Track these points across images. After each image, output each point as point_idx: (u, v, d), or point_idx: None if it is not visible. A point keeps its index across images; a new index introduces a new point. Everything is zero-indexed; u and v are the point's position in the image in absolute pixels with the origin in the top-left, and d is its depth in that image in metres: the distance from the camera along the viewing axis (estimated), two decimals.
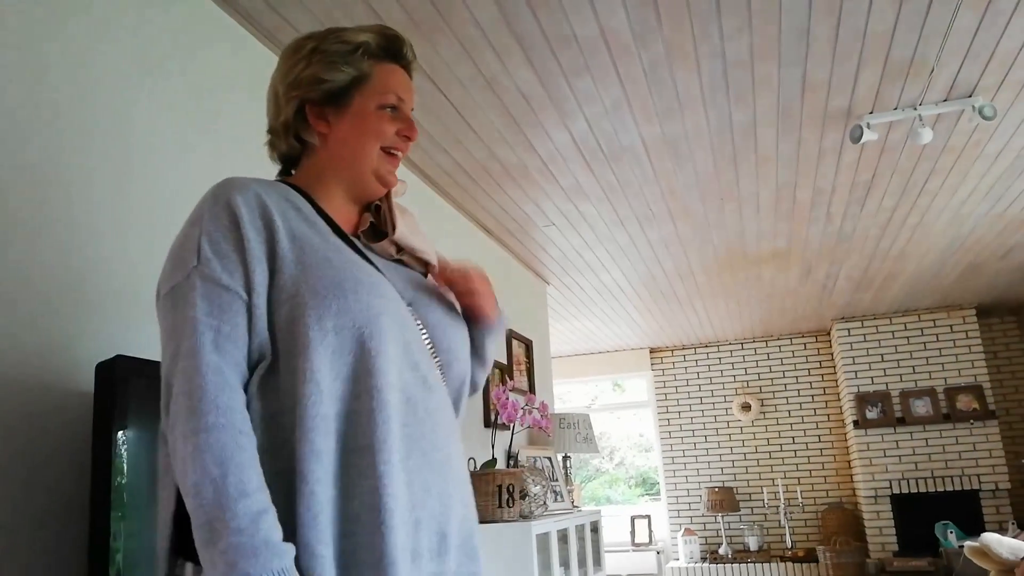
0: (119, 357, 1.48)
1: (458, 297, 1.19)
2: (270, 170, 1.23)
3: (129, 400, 1.48)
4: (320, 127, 1.11)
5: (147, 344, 1.77)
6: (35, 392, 1.51)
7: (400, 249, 1.16)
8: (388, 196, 1.17)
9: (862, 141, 3.25)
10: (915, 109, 3.15)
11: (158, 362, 1.56)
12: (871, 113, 3.19)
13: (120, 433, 1.44)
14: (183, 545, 0.92)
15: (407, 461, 0.97)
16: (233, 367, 0.92)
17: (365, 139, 1.10)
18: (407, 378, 1.00)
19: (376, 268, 1.06)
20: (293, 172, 1.18)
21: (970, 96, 3.09)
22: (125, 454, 1.45)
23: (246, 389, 0.94)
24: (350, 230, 1.13)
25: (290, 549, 0.84)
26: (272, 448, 0.92)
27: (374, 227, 1.15)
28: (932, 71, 2.89)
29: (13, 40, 1.57)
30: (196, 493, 0.83)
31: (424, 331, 1.08)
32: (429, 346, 1.08)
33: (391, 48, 1.14)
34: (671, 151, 3.46)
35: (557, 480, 4.37)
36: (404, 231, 1.16)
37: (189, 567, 0.92)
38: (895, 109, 3.17)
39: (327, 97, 1.10)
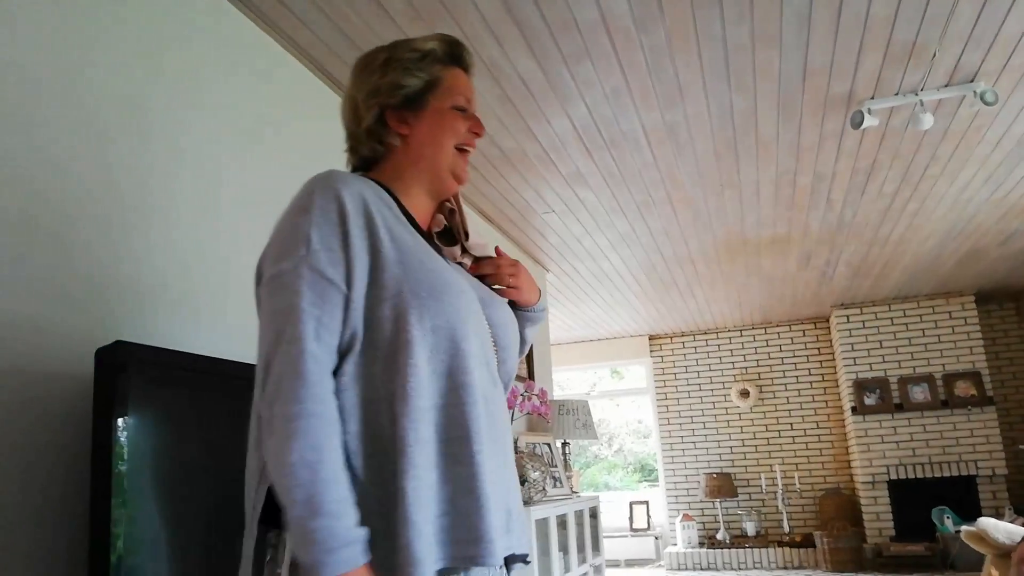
0: (119, 343, 1.47)
1: (504, 287, 1.30)
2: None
3: (130, 386, 1.48)
4: (401, 129, 1.20)
5: (147, 330, 1.77)
6: (35, 379, 1.51)
7: (464, 251, 1.26)
8: (459, 203, 1.27)
9: (863, 127, 3.24)
10: (916, 95, 3.14)
11: (159, 348, 1.56)
12: (872, 99, 3.18)
13: (120, 420, 1.44)
14: (269, 515, 1.00)
15: (491, 440, 1.07)
16: (329, 357, 0.99)
17: (443, 137, 1.20)
18: (483, 374, 1.10)
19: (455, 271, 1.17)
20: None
21: (972, 81, 3.08)
22: (126, 441, 1.45)
23: (336, 374, 1.01)
24: (426, 228, 1.22)
25: (365, 534, 0.94)
26: (368, 434, 1.00)
27: (446, 229, 1.26)
28: (934, 56, 2.87)
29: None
30: (292, 474, 0.91)
31: (490, 330, 1.18)
32: (492, 344, 1.18)
33: (454, 53, 1.24)
34: (671, 137, 3.45)
35: (556, 466, 4.39)
36: (475, 238, 1.28)
37: (286, 537, 0.99)
38: (896, 94, 3.16)
39: (405, 101, 1.20)
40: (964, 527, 3.48)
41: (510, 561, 1.16)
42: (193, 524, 1.59)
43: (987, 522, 3.37)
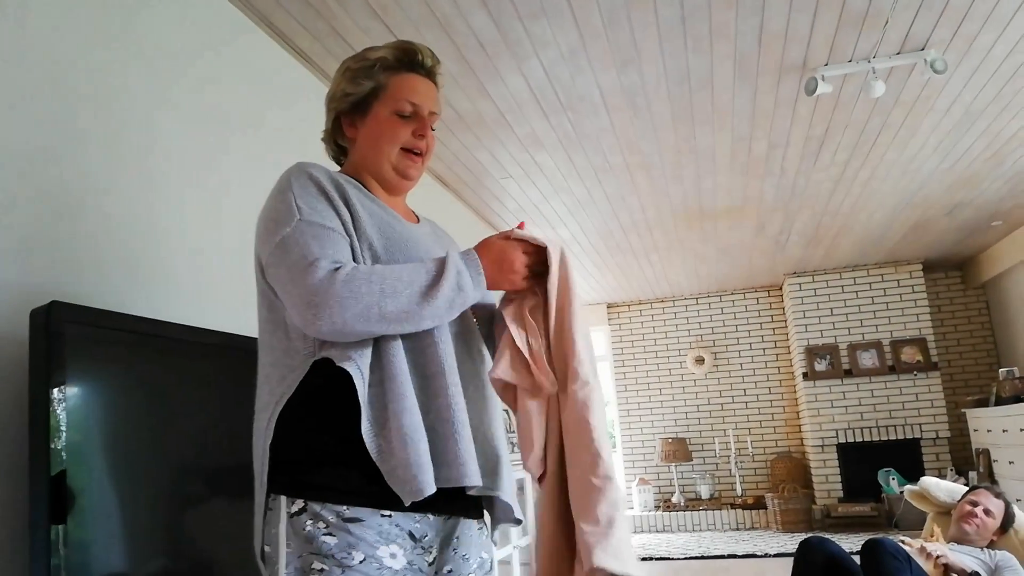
0: (54, 303, 1.42)
1: None
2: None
3: (66, 350, 1.42)
4: (350, 133, 1.33)
5: (87, 292, 1.71)
6: None
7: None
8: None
9: (817, 93, 3.26)
10: (869, 62, 3.17)
11: (99, 310, 1.51)
12: (826, 65, 3.20)
13: (57, 390, 1.38)
14: (275, 480, 1.11)
15: (467, 391, 1.20)
16: None
17: (381, 140, 1.29)
18: (455, 320, 1.23)
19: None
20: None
21: (922, 49, 3.11)
22: (64, 409, 1.39)
23: None
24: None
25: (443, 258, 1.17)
26: (375, 364, 1.13)
27: None
28: (887, 22, 2.89)
29: None
30: (372, 313, 1.07)
31: None
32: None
33: (405, 59, 1.31)
34: (628, 100, 3.43)
35: (514, 431, 4.41)
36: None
37: (282, 500, 1.09)
38: (849, 61, 3.18)
39: (352, 107, 1.31)
40: (908, 487, 3.59)
41: (499, 516, 1.27)
42: (141, 494, 1.54)
43: (929, 481, 3.47)
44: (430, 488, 1.05)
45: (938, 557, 2.73)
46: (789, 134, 3.93)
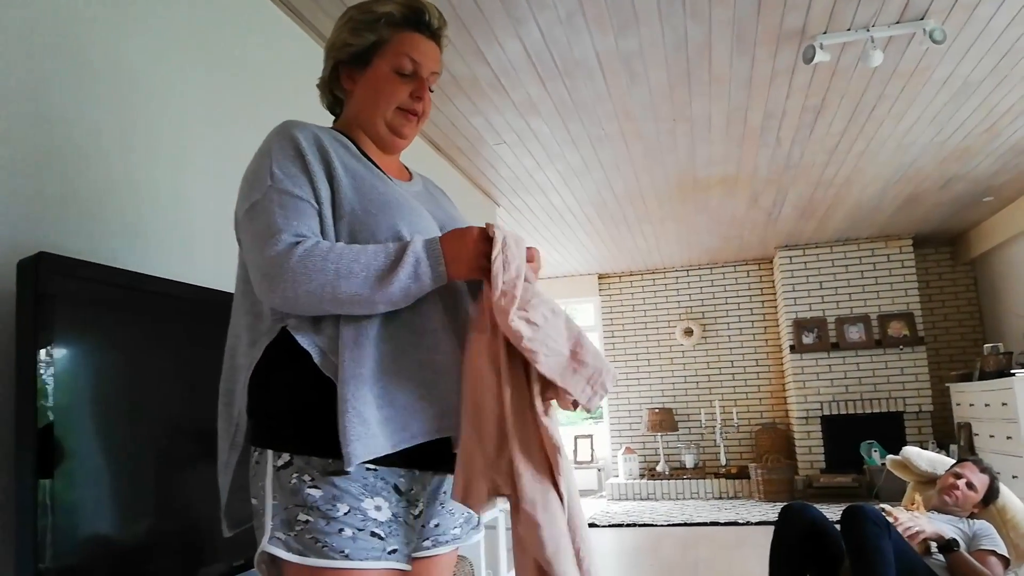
0: (43, 255, 1.40)
1: None
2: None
3: (54, 302, 1.41)
4: (347, 84, 1.31)
5: (76, 246, 1.69)
6: None
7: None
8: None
9: (814, 62, 3.24)
10: (868, 31, 3.14)
11: (88, 262, 1.49)
12: (824, 33, 3.17)
13: (45, 347, 1.37)
14: (258, 435, 1.13)
15: (458, 348, 1.18)
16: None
17: (378, 97, 1.27)
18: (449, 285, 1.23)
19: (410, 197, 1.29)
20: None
21: (922, 19, 3.09)
22: (52, 366, 1.38)
23: None
24: (388, 172, 1.31)
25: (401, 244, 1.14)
26: (337, 331, 1.13)
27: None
28: None
29: None
30: (326, 292, 1.07)
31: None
32: None
33: (411, 17, 1.28)
34: (625, 67, 3.39)
35: None
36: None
37: (269, 454, 1.11)
38: (848, 30, 3.15)
39: (352, 59, 1.29)
40: (890, 456, 3.64)
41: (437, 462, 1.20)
42: (129, 452, 1.54)
43: (911, 450, 3.52)
44: (355, 459, 1.04)
45: (914, 534, 2.77)
46: (785, 104, 3.91)
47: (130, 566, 1.51)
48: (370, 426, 1.06)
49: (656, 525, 5.95)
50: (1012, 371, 5.36)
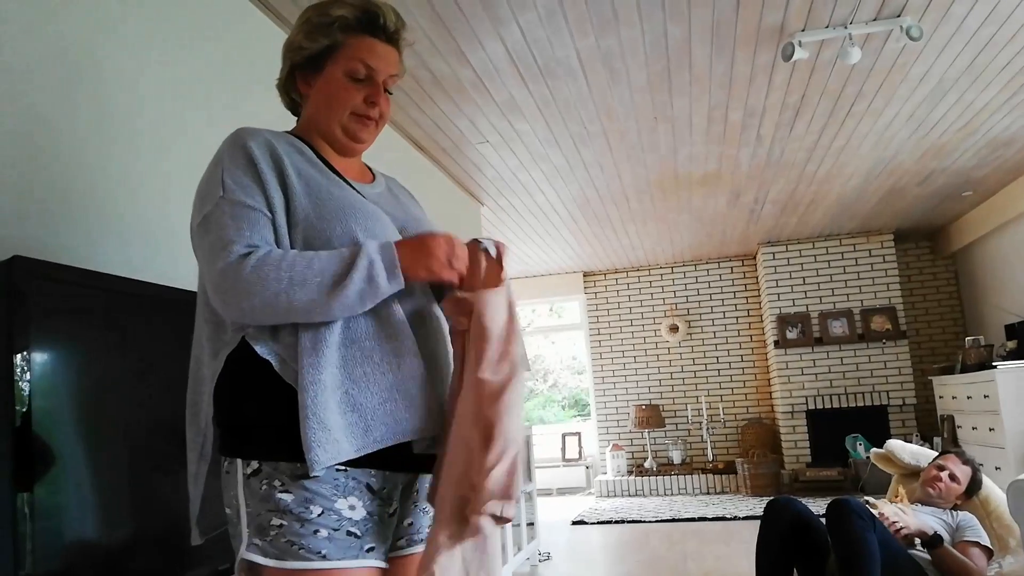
0: (17, 258, 1.39)
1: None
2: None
3: (31, 309, 1.39)
4: (303, 88, 1.30)
5: (53, 248, 1.67)
6: None
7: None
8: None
9: (793, 59, 3.26)
10: (846, 28, 3.17)
11: (64, 265, 1.48)
12: (803, 31, 3.20)
13: (19, 357, 1.35)
14: (226, 444, 1.14)
15: (423, 350, 1.19)
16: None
17: (332, 103, 1.25)
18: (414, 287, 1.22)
19: (369, 200, 1.27)
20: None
21: (899, 16, 3.12)
22: (28, 372, 1.37)
23: None
24: (348, 175, 1.29)
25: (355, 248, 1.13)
26: (296, 338, 1.12)
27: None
28: None
29: None
30: (280, 301, 1.06)
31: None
32: None
33: (366, 20, 1.26)
34: (606, 66, 3.41)
35: None
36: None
37: (238, 463, 1.11)
38: (826, 27, 3.18)
39: (306, 62, 1.27)
40: (874, 450, 3.67)
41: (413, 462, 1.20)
42: (110, 458, 1.53)
43: (895, 444, 3.55)
44: (318, 465, 1.04)
45: (899, 530, 2.79)
46: (765, 102, 3.94)
47: (113, 570, 1.50)
48: (332, 431, 1.06)
49: (644, 521, 5.98)
50: (993, 363, 5.42)
